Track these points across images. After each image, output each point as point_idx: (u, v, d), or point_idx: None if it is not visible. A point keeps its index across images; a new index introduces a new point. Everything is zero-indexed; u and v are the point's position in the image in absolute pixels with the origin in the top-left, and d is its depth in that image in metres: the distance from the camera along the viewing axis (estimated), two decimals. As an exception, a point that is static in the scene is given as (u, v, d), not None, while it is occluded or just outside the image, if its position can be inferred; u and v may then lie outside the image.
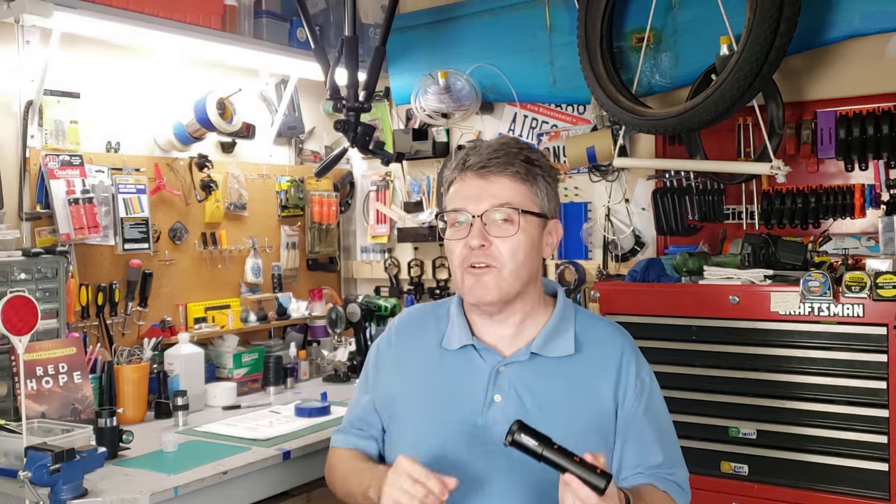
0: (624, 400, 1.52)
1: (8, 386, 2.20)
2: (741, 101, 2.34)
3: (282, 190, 3.37)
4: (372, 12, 3.42)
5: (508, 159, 1.49)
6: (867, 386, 2.07)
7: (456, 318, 1.59)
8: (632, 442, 1.52)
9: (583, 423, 1.49)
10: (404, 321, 1.70)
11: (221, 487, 1.97)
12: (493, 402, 1.49)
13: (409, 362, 1.62)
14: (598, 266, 3.02)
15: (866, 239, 2.51)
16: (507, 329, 1.55)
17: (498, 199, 1.47)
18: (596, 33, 2.72)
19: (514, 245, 1.47)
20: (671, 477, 1.53)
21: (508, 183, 1.48)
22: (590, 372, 1.53)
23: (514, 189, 1.49)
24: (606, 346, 1.56)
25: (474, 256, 1.48)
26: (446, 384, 1.54)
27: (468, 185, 1.50)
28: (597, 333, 1.58)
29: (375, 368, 1.68)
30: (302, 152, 3.53)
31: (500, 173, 1.48)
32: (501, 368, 1.52)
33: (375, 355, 1.69)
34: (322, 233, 3.52)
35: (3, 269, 2.27)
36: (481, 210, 1.47)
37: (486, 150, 1.51)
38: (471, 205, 1.48)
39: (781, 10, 2.22)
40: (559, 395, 1.50)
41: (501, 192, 1.48)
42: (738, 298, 2.24)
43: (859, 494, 2.08)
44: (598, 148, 2.86)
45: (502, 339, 1.55)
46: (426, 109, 3.23)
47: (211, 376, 2.82)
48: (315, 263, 3.56)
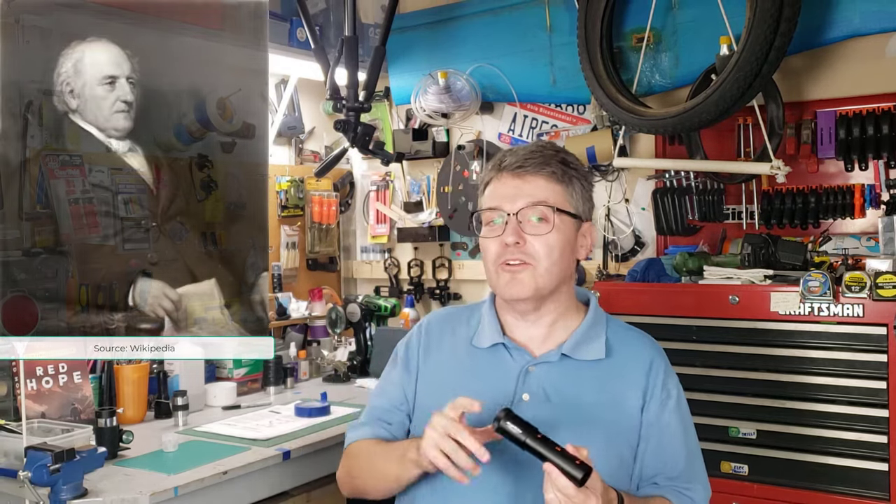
0: (649, 407, 1.52)
1: (8, 386, 2.19)
2: (741, 101, 2.34)
3: (282, 190, 3.37)
4: (372, 12, 3.43)
5: (545, 160, 1.51)
6: (867, 386, 2.07)
7: (487, 317, 1.60)
8: (652, 449, 1.51)
9: (609, 428, 1.49)
10: (435, 319, 1.70)
11: (221, 487, 1.97)
12: (521, 400, 1.51)
13: (440, 359, 1.62)
14: (598, 266, 3.02)
15: (866, 239, 2.51)
16: (538, 330, 1.56)
17: (534, 198, 1.49)
18: (596, 33, 2.73)
19: (549, 243, 1.49)
20: (688, 492, 1.51)
21: (544, 183, 1.50)
22: (619, 377, 1.53)
23: (549, 188, 1.50)
24: (637, 353, 1.57)
25: (509, 253, 1.49)
26: (476, 381, 1.55)
27: (504, 184, 1.52)
28: (628, 341, 1.59)
29: (405, 364, 1.66)
30: (302, 152, 3.53)
31: (536, 173, 1.50)
32: (531, 368, 1.53)
33: (405, 351, 1.68)
34: (322, 233, 3.52)
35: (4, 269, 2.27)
36: (517, 208, 1.49)
37: (522, 152, 1.53)
38: (506, 203, 1.50)
39: (781, 10, 2.22)
40: (587, 398, 1.50)
41: (537, 191, 1.50)
42: (738, 298, 2.24)
43: (859, 494, 2.08)
44: (598, 148, 2.87)
45: (533, 339, 1.56)
46: (426, 109, 3.23)
47: (211, 376, 2.82)
48: (315, 263, 3.56)
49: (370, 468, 1.57)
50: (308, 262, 3.53)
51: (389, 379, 1.69)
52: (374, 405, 1.69)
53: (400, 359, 1.68)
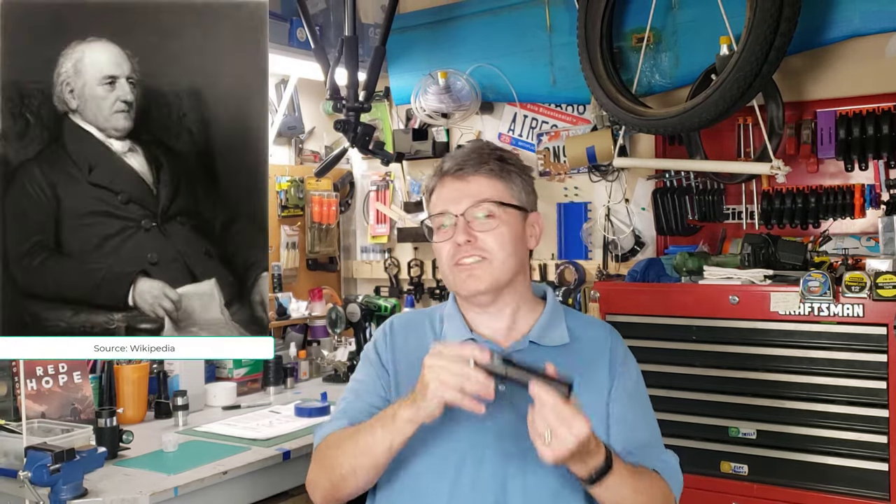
0: (616, 386, 1.57)
1: (8, 386, 2.20)
2: (741, 101, 2.34)
3: (282, 190, 3.37)
4: (372, 12, 3.43)
5: (482, 159, 1.56)
6: (867, 386, 2.07)
7: (454, 316, 1.62)
8: (619, 423, 1.55)
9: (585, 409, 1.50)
10: (398, 322, 1.71)
11: (221, 487, 1.97)
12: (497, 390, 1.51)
13: (409, 361, 1.62)
14: (598, 266, 3.02)
15: (866, 239, 2.51)
16: (501, 322, 1.59)
17: (477, 196, 1.54)
18: (596, 33, 2.73)
19: (500, 236, 1.53)
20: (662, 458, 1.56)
21: (485, 181, 1.55)
22: (584, 360, 1.58)
23: (490, 185, 1.55)
24: (596, 336, 1.63)
25: (462, 252, 1.53)
26: None
27: (447, 188, 1.57)
28: (586, 325, 1.66)
29: (378, 363, 1.65)
30: (302, 152, 3.53)
31: (475, 173, 1.55)
32: None
33: (375, 352, 1.68)
34: (322, 233, 3.52)
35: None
36: (462, 208, 1.53)
37: (460, 155, 1.58)
38: (452, 206, 1.54)
39: (781, 10, 2.22)
40: None
41: (479, 189, 1.54)
42: (738, 298, 2.24)
43: (859, 494, 2.08)
44: (598, 148, 2.87)
45: (498, 331, 1.59)
46: (426, 109, 3.23)
47: (211, 376, 2.82)
48: (315, 263, 3.56)
49: (354, 447, 1.50)
50: (308, 262, 3.53)
51: (361, 379, 1.66)
52: (344, 405, 1.64)
53: (371, 361, 1.67)
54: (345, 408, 1.64)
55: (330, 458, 1.56)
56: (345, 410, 1.63)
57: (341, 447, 1.54)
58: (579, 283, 3.02)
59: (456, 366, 1.34)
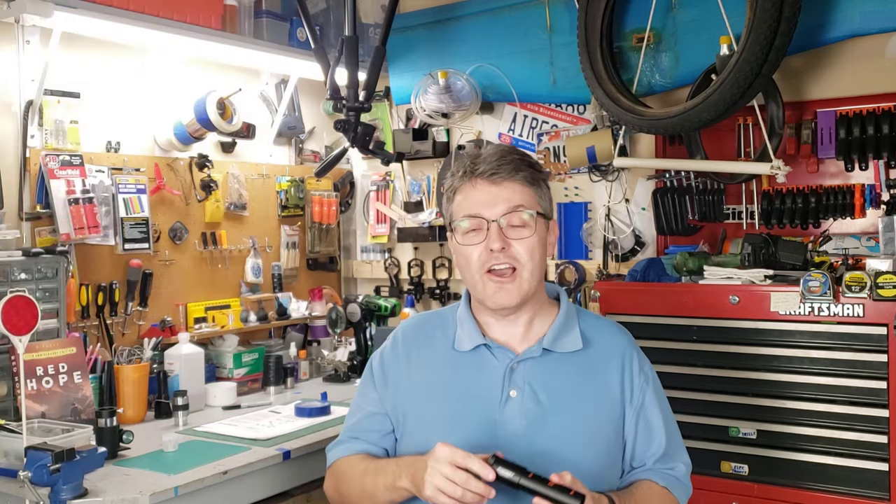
0: (631, 393, 1.59)
1: (8, 386, 2.20)
2: (741, 101, 2.34)
3: (282, 190, 3.37)
4: (372, 12, 3.42)
5: (516, 165, 1.55)
6: (867, 386, 2.07)
7: (466, 321, 1.62)
8: (640, 434, 1.58)
9: (595, 414, 1.55)
10: (409, 329, 1.71)
11: (221, 487, 1.97)
12: (509, 397, 1.53)
13: (421, 368, 1.63)
14: (599, 266, 3.02)
15: (866, 239, 2.51)
16: (517, 328, 1.59)
17: (513, 203, 1.53)
18: (596, 33, 2.72)
19: (531, 246, 1.53)
20: (672, 472, 1.59)
21: (519, 188, 1.54)
22: (598, 365, 1.58)
23: (525, 193, 1.55)
24: (610, 341, 1.63)
25: (495, 259, 1.52)
26: (462, 384, 1.57)
27: (480, 191, 1.55)
28: (600, 330, 1.65)
29: (383, 378, 1.66)
30: (302, 152, 3.53)
31: (511, 179, 1.54)
32: (515, 365, 1.56)
33: (380, 364, 1.68)
34: (322, 232, 3.52)
35: (3, 269, 2.27)
36: (498, 214, 1.52)
37: (493, 158, 1.56)
38: (486, 210, 1.53)
39: (781, 10, 2.22)
40: (572, 389, 1.55)
41: (514, 196, 1.54)
42: (738, 298, 2.24)
43: (859, 494, 2.08)
44: (598, 148, 2.86)
45: (513, 337, 1.59)
46: (426, 109, 3.23)
47: (211, 376, 2.82)
48: (315, 263, 3.56)
49: (361, 488, 1.57)
50: (308, 262, 3.52)
51: (365, 397, 1.69)
52: (352, 423, 1.68)
53: (375, 374, 1.68)
54: (350, 427, 1.69)
55: (340, 485, 1.63)
56: (350, 428, 1.68)
57: (349, 482, 1.60)
58: (579, 282, 3.02)
59: (459, 476, 1.32)
